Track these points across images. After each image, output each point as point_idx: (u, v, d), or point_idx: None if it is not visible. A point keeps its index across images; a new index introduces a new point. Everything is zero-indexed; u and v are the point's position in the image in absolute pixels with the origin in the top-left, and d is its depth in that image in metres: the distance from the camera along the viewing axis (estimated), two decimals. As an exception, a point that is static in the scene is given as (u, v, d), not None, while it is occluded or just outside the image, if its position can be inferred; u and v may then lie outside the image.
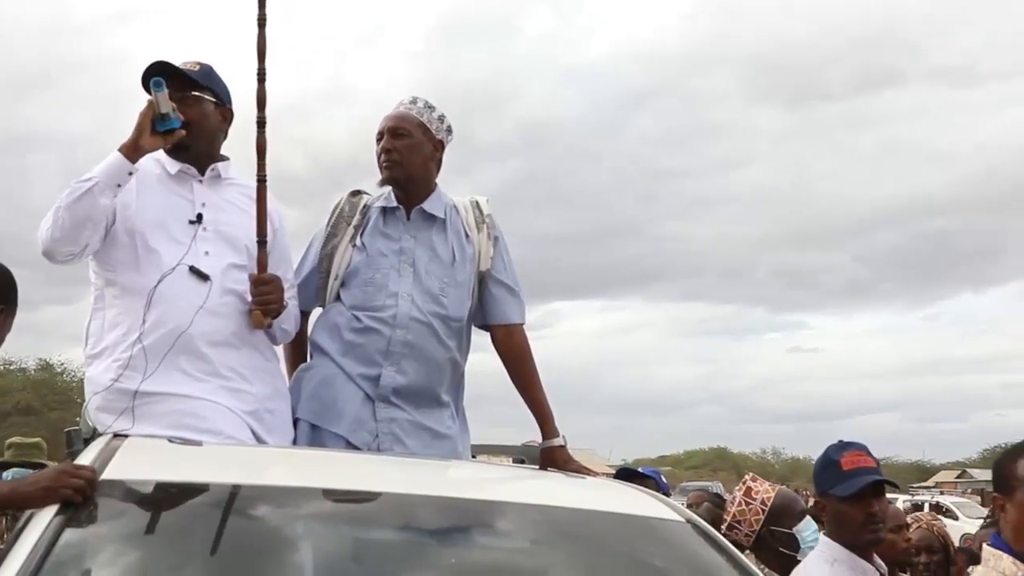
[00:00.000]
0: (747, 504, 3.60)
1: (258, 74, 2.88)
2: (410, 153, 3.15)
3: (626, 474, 5.47)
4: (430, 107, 3.21)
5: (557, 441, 3.18)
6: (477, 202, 3.31)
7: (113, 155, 2.72)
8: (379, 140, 3.18)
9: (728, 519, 3.69)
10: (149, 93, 2.81)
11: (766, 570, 3.50)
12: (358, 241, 3.18)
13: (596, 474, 3.09)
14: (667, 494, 3.86)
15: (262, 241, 2.86)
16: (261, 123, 2.88)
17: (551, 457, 3.15)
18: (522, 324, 3.33)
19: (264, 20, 2.89)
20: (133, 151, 2.72)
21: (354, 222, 3.20)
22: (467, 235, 3.24)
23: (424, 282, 3.13)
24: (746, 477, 3.81)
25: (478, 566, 2.09)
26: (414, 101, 3.21)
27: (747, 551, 3.68)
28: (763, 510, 3.57)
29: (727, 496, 5.70)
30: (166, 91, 2.72)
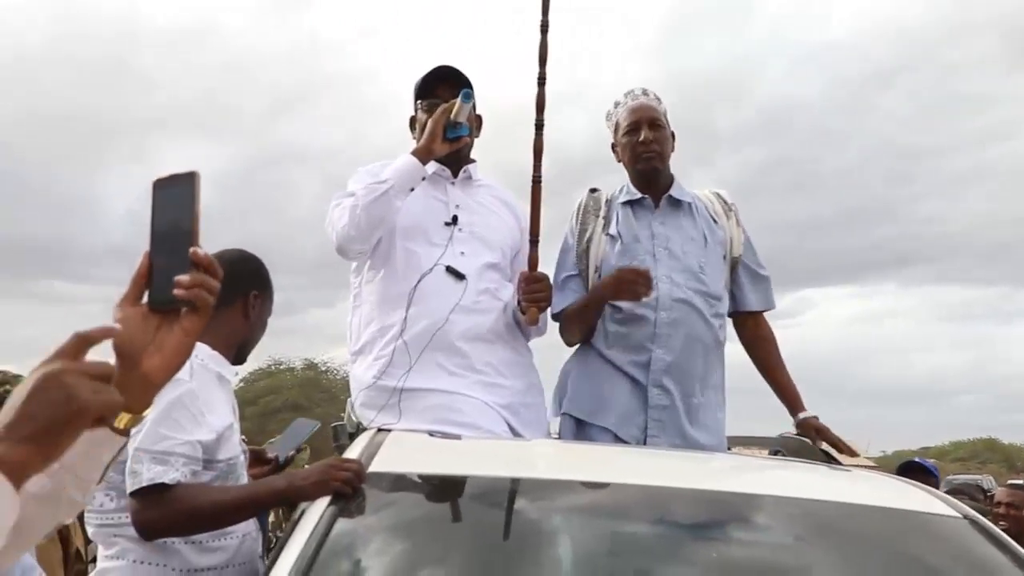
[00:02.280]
0: None
1: (539, 78, 2.92)
2: (664, 143, 3.20)
3: (908, 467, 5.21)
4: (659, 99, 3.24)
5: (811, 413, 3.16)
6: (719, 193, 3.32)
7: (406, 159, 2.83)
8: (630, 132, 3.19)
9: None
10: (424, 98, 2.95)
11: None
12: (612, 230, 3.19)
13: (854, 452, 3.03)
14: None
15: (535, 240, 2.91)
16: (539, 126, 2.92)
17: (813, 426, 3.11)
18: (770, 308, 3.34)
19: (547, 26, 2.92)
20: (426, 154, 2.84)
21: (601, 214, 3.23)
22: (715, 220, 3.24)
23: (682, 260, 3.13)
24: None
25: (742, 561, 2.02)
26: (645, 92, 3.22)
27: None
28: None
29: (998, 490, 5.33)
30: (471, 102, 2.83)
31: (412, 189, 2.83)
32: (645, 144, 3.16)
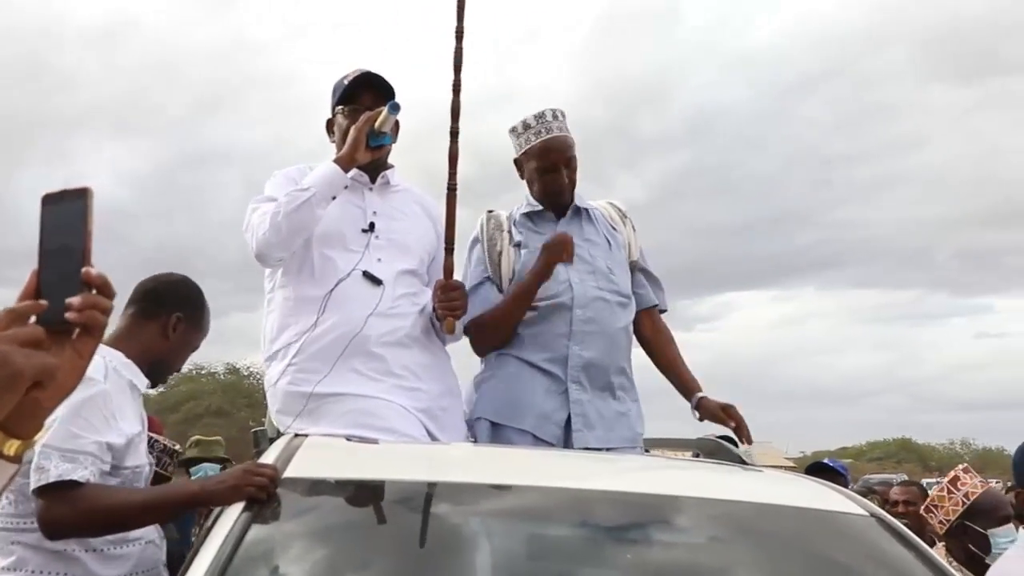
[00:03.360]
0: (949, 492, 3.52)
1: (453, 86, 2.92)
2: (575, 173, 3.27)
3: (816, 468, 5.32)
4: (564, 116, 3.26)
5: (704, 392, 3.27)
6: (613, 203, 3.43)
7: (329, 167, 2.81)
8: (547, 169, 3.22)
9: (927, 502, 3.68)
10: (346, 104, 2.93)
11: (954, 563, 3.36)
12: (516, 239, 3.25)
13: (745, 427, 3.13)
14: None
15: (450, 248, 2.91)
16: (454, 133, 2.93)
17: (713, 403, 3.21)
18: (663, 309, 3.45)
19: (462, 32, 2.93)
20: (348, 163, 2.83)
21: (505, 228, 3.29)
22: (613, 227, 3.34)
23: (591, 263, 3.20)
24: (959, 467, 3.71)
25: (657, 562, 2.05)
26: (556, 116, 3.23)
27: (936, 541, 3.58)
28: (963, 503, 3.46)
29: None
30: (396, 115, 2.82)
31: (334, 197, 2.82)
32: (559, 183, 3.23)
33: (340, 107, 3.00)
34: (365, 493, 2.12)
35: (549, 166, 3.21)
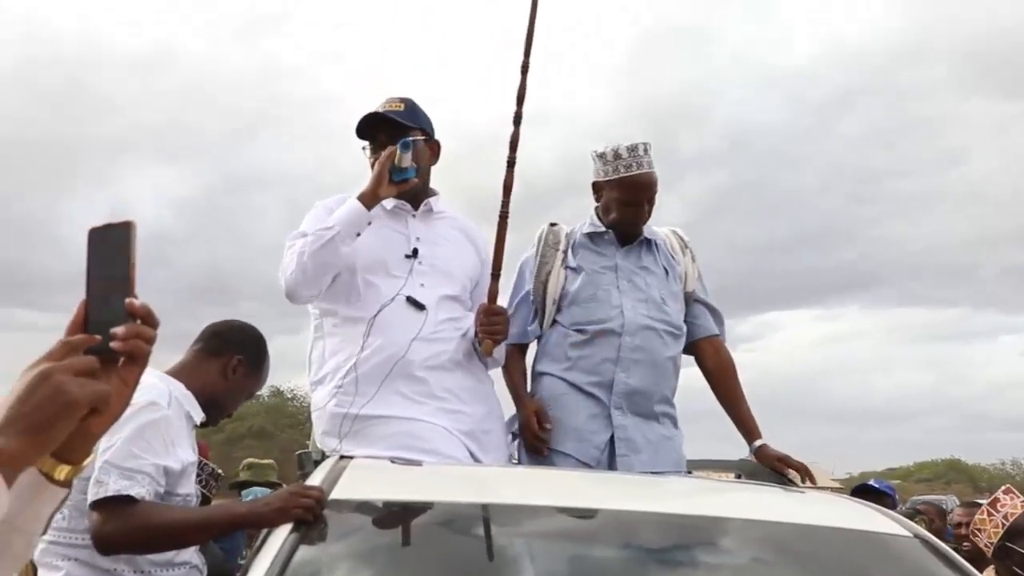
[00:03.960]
0: (989, 515, 3.49)
1: (515, 117, 2.97)
2: (651, 209, 3.27)
3: (863, 490, 5.27)
4: (651, 150, 3.25)
5: (764, 440, 3.24)
6: (676, 231, 3.44)
7: (352, 205, 2.85)
8: (630, 202, 3.22)
9: (973, 525, 3.65)
10: (361, 138, 2.96)
11: None
12: (571, 263, 3.27)
13: (809, 472, 3.10)
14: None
15: (496, 274, 2.95)
16: (511, 163, 2.97)
17: (770, 453, 3.18)
18: (720, 336, 3.42)
19: (527, 67, 2.97)
20: (371, 200, 2.86)
21: (561, 247, 3.30)
22: (673, 257, 3.35)
23: (645, 292, 3.22)
24: (1001, 489, 3.67)
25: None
26: (647, 151, 3.22)
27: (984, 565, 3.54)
28: (1003, 524, 3.42)
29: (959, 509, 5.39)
30: (411, 152, 2.86)
31: (358, 234, 2.85)
32: (639, 216, 3.25)
33: (363, 144, 3.05)
34: (410, 515, 2.14)
35: (634, 201, 3.22)
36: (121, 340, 1.19)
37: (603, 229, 3.29)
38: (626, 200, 3.22)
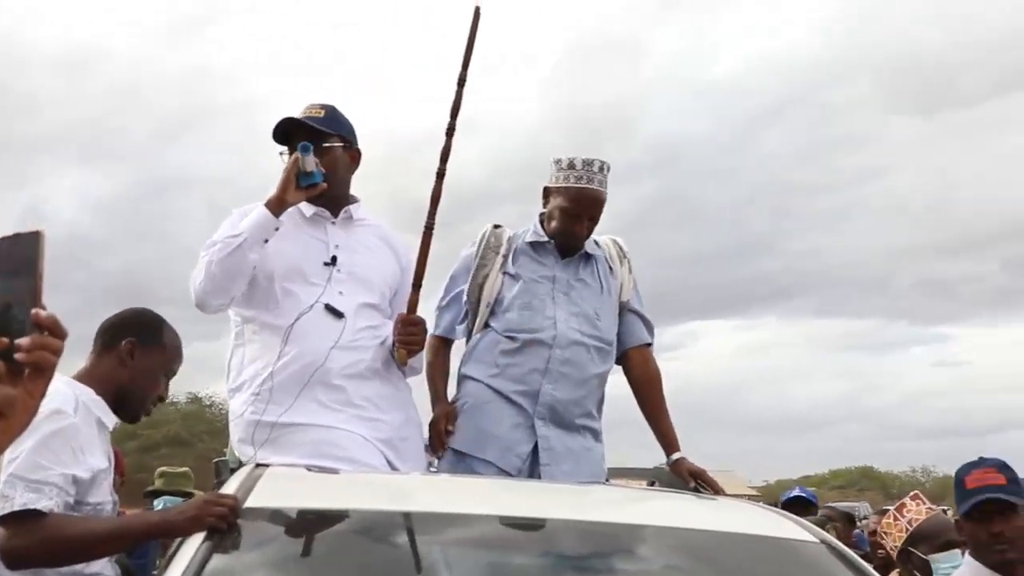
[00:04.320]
0: (895, 519, 3.60)
1: (447, 129, 2.97)
2: (593, 227, 3.28)
3: (794, 502, 5.39)
4: (606, 172, 3.25)
5: (682, 454, 3.27)
6: (616, 240, 3.44)
7: (259, 211, 2.82)
8: (570, 217, 3.22)
9: (880, 529, 3.75)
10: (279, 143, 2.95)
11: None
12: (509, 269, 3.28)
13: (720, 490, 3.12)
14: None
15: (417, 285, 2.95)
16: (440, 174, 2.97)
17: (686, 467, 3.21)
18: (651, 345, 3.44)
19: (464, 80, 2.98)
20: (278, 206, 2.83)
21: (502, 251, 3.30)
22: (611, 268, 3.36)
23: (580, 306, 3.24)
24: (909, 495, 3.77)
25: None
26: (602, 169, 3.22)
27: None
28: (907, 528, 3.51)
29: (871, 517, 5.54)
30: (312, 155, 2.84)
31: (267, 240, 2.83)
32: (576, 234, 3.24)
33: (280, 150, 3.02)
34: (326, 522, 2.13)
35: (574, 213, 3.22)
36: (26, 351, 1.17)
37: (545, 239, 3.29)
38: (568, 210, 3.22)
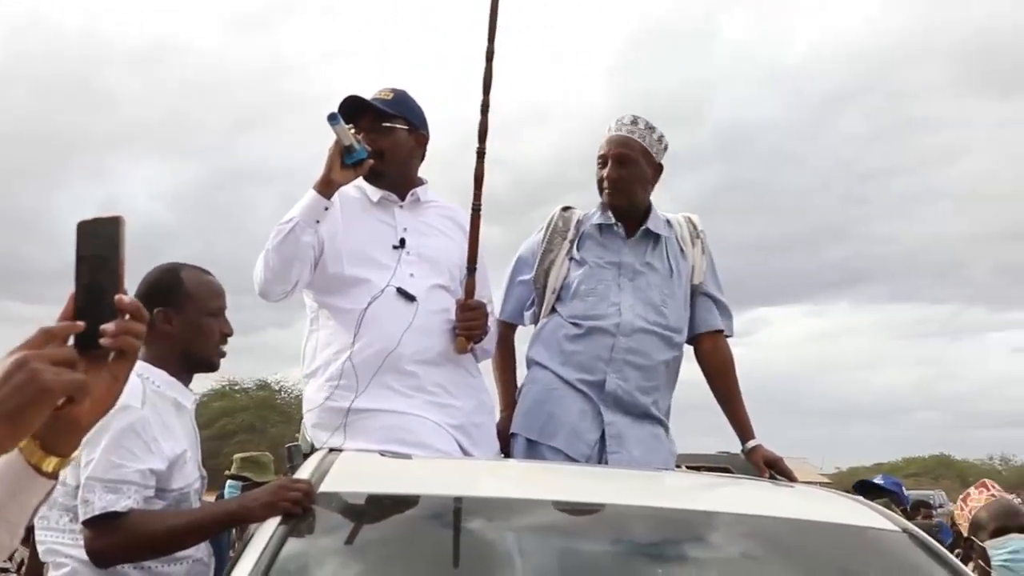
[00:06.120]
0: (960, 509, 3.53)
1: (481, 106, 2.95)
2: (633, 181, 3.17)
3: (863, 486, 5.27)
4: (651, 128, 3.19)
5: (758, 441, 3.21)
6: (690, 218, 3.34)
7: (308, 194, 2.82)
8: (602, 164, 3.20)
9: (956, 520, 3.68)
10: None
11: None
12: (575, 255, 3.23)
13: (796, 478, 3.08)
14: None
15: (471, 269, 2.94)
16: (481, 153, 2.96)
17: (761, 455, 3.15)
18: (728, 335, 3.35)
19: (492, 54, 2.95)
20: (325, 187, 2.82)
21: (569, 236, 3.25)
22: (682, 250, 3.27)
23: (645, 293, 3.16)
24: (975, 484, 3.68)
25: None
26: (635, 122, 3.18)
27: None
28: (969, 518, 3.43)
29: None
30: (343, 124, 2.79)
31: (319, 222, 2.82)
32: (610, 181, 3.17)
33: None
34: (398, 507, 2.14)
35: (602, 159, 3.18)
36: (111, 336, 1.19)
37: (611, 221, 3.21)
38: (599, 162, 3.20)
